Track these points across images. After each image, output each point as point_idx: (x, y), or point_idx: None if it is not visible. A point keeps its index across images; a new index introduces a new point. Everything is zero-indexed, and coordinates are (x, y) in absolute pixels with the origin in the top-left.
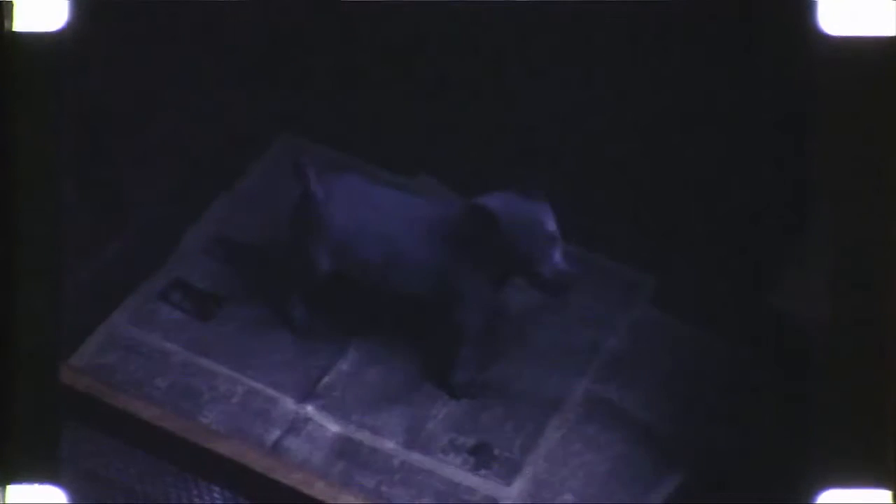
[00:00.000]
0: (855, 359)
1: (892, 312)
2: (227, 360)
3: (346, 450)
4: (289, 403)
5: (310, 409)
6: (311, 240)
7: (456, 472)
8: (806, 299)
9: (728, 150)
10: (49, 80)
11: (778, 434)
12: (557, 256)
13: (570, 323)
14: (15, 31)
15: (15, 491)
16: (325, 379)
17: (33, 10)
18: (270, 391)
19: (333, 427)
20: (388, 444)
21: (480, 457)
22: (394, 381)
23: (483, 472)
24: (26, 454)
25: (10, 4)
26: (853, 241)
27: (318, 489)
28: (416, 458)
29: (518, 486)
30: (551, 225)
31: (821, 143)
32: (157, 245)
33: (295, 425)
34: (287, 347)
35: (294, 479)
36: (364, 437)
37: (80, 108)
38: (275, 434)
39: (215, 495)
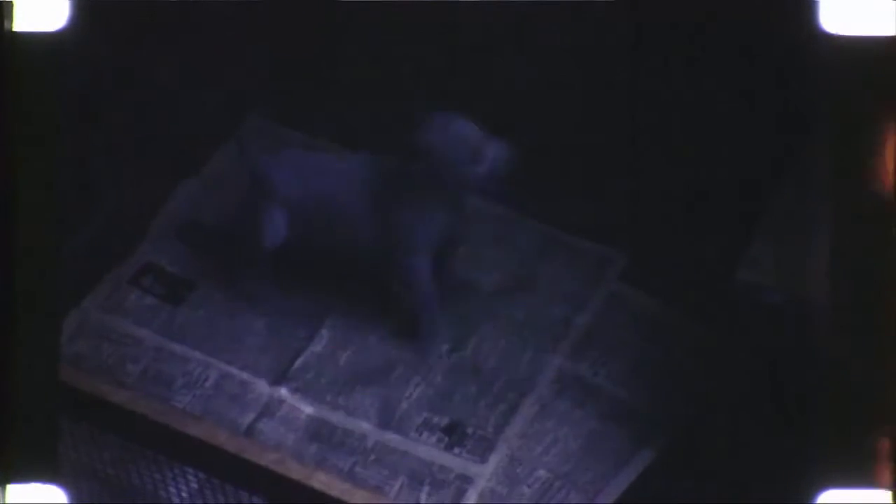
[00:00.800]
0: (855, 359)
1: (892, 312)
2: (199, 345)
3: (320, 431)
4: (262, 386)
5: (283, 391)
6: (265, 209)
7: (430, 451)
8: (776, 274)
9: (727, 149)
10: (49, 80)
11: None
12: (492, 151)
13: (541, 300)
14: (15, 31)
15: (15, 491)
16: (298, 361)
17: (33, 10)
18: (244, 375)
19: (307, 409)
20: (362, 425)
21: (454, 435)
22: (366, 362)
23: (457, 450)
24: (26, 454)
25: (10, 4)
26: (853, 240)
27: (292, 469)
28: (390, 438)
29: (492, 464)
30: (474, 129)
31: (821, 143)
32: (126, 230)
33: (269, 408)
34: (259, 331)
35: (268, 460)
36: (338, 418)
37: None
38: (249, 417)
39: (189, 478)
